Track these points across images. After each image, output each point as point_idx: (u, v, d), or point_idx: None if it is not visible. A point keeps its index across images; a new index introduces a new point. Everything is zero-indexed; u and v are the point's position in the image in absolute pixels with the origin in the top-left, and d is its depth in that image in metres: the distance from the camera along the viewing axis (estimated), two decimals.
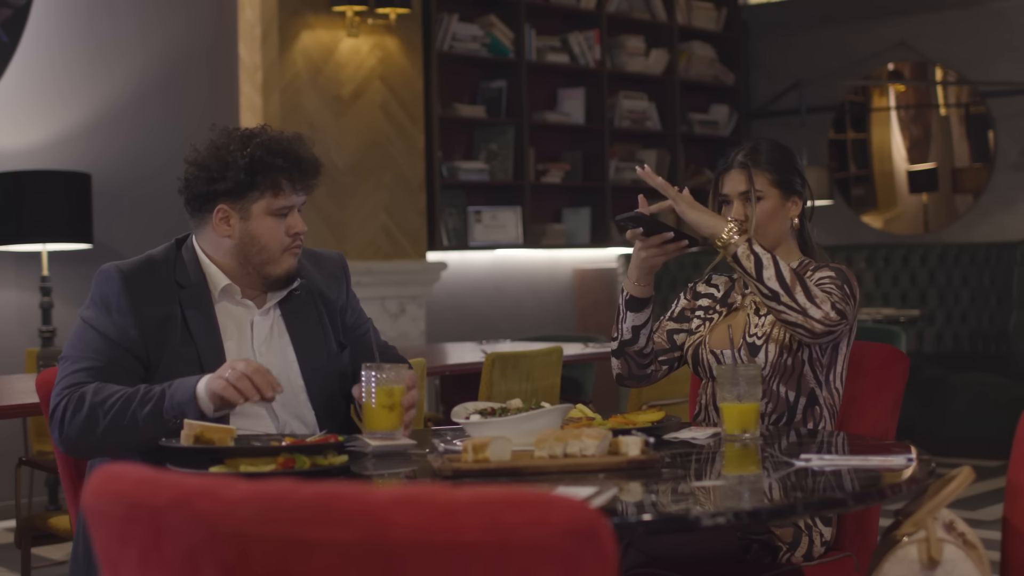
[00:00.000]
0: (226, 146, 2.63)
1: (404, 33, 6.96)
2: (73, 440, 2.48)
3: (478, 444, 2.17)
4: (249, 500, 1.26)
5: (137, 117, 6.26)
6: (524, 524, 1.21)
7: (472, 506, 1.21)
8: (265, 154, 2.61)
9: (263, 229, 2.63)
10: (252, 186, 2.61)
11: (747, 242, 2.76)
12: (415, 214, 7.08)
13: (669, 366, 3.02)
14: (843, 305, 2.72)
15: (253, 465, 2.16)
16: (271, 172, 2.61)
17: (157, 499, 1.31)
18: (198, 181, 2.65)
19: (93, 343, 2.55)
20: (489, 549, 1.21)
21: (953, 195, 8.48)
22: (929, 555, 1.94)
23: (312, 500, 1.24)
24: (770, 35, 9.09)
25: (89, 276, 5.86)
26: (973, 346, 7.42)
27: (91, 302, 2.61)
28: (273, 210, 2.63)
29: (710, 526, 1.75)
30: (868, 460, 2.21)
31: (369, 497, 1.23)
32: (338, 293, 2.84)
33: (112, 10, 6.20)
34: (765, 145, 2.98)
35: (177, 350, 2.57)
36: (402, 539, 1.22)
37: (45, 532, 3.69)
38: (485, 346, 5.34)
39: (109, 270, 2.61)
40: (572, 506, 1.22)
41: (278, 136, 2.66)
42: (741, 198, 2.93)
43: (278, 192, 2.63)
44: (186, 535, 1.29)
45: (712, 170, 8.80)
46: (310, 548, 1.23)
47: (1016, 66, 8.07)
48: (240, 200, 2.63)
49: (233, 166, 2.60)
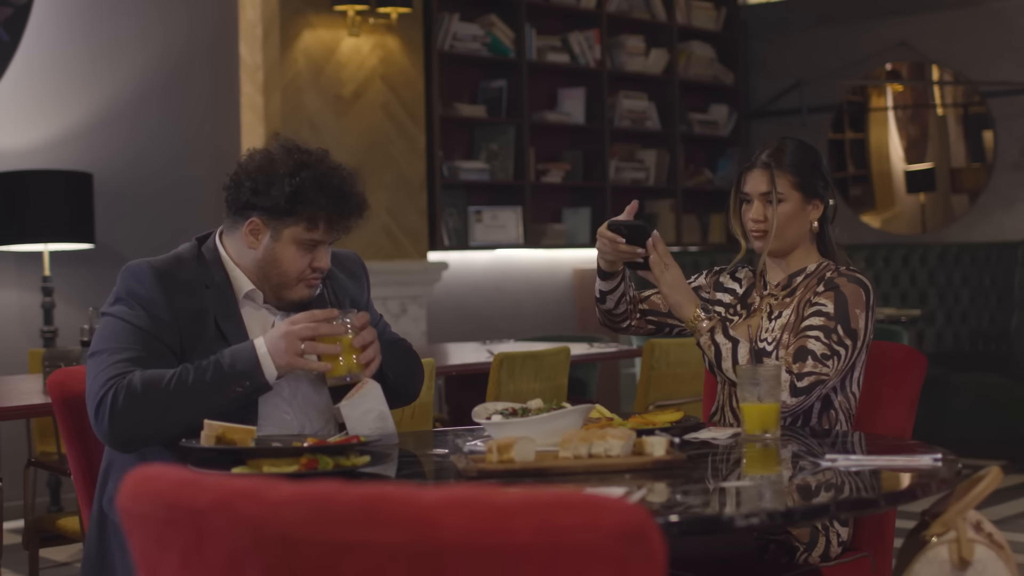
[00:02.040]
0: (280, 164, 2.58)
1: (405, 32, 6.95)
2: (129, 428, 2.42)
3: (503, 445, 2.16)
4: (294, 502, 1.24)
5: (138, 116, 6.23)
6: (575, 526, 1.19)
7: (523, 508, 1.20)
8: (313, 188, 2.56)
9: (287, 255, 2.60)
10: (290, 212, 2.57)
11: (709, 332, 2.84)
12: (416, 214, 7.06)
13: (658, 327, 3.08)
14: (819, 368, 2.72)
15: (276, 466, 2.14)
16: (312, 207, 2.57)
17: (199, 501, 1.29)
18: (242, 188, 2.60)
19: (127, 335, 2.51)
20: (540, 551, 1.19)
21: (951, 195, 8.48)
22: (960, 555, 1.93)
23: (359, 501, 1.22)
24: (769, 35, 9.09)
25: (91, 276, 5.91)
26: (973, 346, 7.42)
27: (117, 298, 2.57)
28: (303, 240, 2.60)
29: (744, 527, 1.73)
30: (894, 460, 2.20)
31: (417, 498, 1.21)
32: (359, 292, 2.84)
33: (113, 9, 6.17)
34: (790, 146, 2.96)
35: (208, 349, 2.54)
36: (451, 541, 1.20)
37: (53, 533, 3.66)
38: (490, 346, 5.33)
39: (140, 266, 2.58)
40: (623, 508, 1.21)
41: (330, 172, 2.60)
42: (761, 198, 2.93)
43: (313, 228, 2.59)
44: (229, 537, 1.27)
45: (711, 170, 8.79)
46: (357, 550, 1.22)
47: (1016, 66, 8.07)
48: (274, 220, 2.59)
49: (278, 187, 2.56)
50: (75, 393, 2.74)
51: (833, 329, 2.77)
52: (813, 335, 2.77)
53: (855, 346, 2.79)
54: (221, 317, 2.59)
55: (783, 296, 2.93)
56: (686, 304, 2.86)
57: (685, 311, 2.86)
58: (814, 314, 2.81)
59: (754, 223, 2.93)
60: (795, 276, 2.95)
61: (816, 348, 2.74)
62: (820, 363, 2.72)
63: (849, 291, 2.83)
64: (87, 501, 2.80)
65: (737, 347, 2.80)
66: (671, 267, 2.86)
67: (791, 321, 2.86)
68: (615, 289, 2.98)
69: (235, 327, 2.60)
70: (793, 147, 2.96)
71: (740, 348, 2.80)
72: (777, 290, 2.96)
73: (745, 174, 2.97)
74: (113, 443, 2.48)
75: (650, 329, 3.08)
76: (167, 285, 2.55)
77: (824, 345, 2.74)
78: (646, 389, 4.63)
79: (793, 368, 2.72)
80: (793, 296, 2.92)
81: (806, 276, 2.94)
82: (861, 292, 2.83)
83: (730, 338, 2.82)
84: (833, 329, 2.77)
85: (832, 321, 2.78)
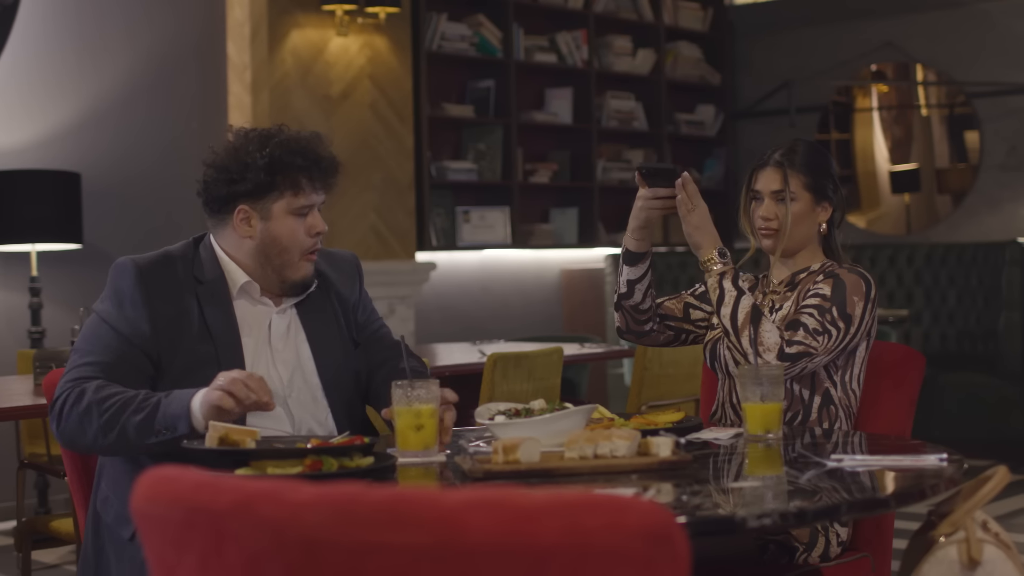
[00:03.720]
0: (244, 147, 2.62)
1: (393, 32, 6.93)
2: (68, 436, 2.47)
3: (509, 445, 2.15)
4: (317, 504, 1.23)
5: (126, 116, 6.20)
6: (602, 527, 1.19)
7: (549, 509, 1.19)
8: (284, 153, 2.60)
9: (284, 229, 2.62)
10: (272, 186, 2.60)
11: (719, 275, 2.81)
12: (404, 214, 7.04)
13: (676, 334, 3.04)
14: (809, 340, 2.74)
15: (280, 467, 2.13)
16: (291, 171, 2.61)
17: (219, 503, 1.28)
18: (217, 183, 2.62)
19: (104, 337, 2.53)
20: (566, 553, 1.18)
21: (937, 196, 8.51)
22: (970, 555, 1.92)
23: (384, 503, 1.21)
24: (756, 35, 9.10)
25: (79, 276, 5.88)
26: (960, 346, 7.43)
27: (105, 295, 2.59)
28: (294, 209, 2.62)
29: (756, 528, 1.73)
30: (900, 460, 2.19)
31: (442, 500, 1.20)
32: (351, 291, 2.84)
33: (100, 9, 6.14)
34: (803, 147, 2.98)
35: (194, 347, 2.54)
36: (477, 543, 1.19)
37: (45, 535, 3.64)
38: (481, 346, 5.32)
39: (125, 263, 2.60)
40: (649, 508, 1.20)
41: (296, 136, 2.66)
42: (773, 196, 2.94)
43: (298, 191, 2.62)
44: (250, 540, 1.26)
45: (699, 170, 8.80)
46: (382, 552, 1.20)
47: (1002, 66, 8.10)
48: (260, 200, 2.61)
49: (253, 167, 2.59)
50: None
51: (828, 309, 2.79)
52: (807, 311, 2.80)
53: (847, 330, 2.79)
54: (210, 313, 2.58)
55: (785, 291, 2.95)
56: (705, 245, 2.83)
57: (703, 251, 2.83)
58: (811, 296, 2.84)
59: (764, 221, 2.94)
60: (799, 274, 2.97)
61: (808, 322, 2.77)
62: (811, 336, 2.75)
63: (849, 280, 2.85)
64: (82, 503, 2.78)
65: (740, 298, 2.79)
66: (698, 207, 2.82)
67: (790, 312, 2.87)
68: (643, 277, 2.91)
69: (225, 322, 2.59)
70: (805, 148, 2.98)
71: (743, 300, 2.79)
72: (780, 287, 2.97)
73: (757, 172, 2.98)
74: (61, 443, 2.54)
75: (668, 336, 3.04)
76: (150, 283, 2.56)
77: (816, 321, 2.77)
78: (639, 390, 4.63)
79: (784, 335, 2.75)
80: (795, 291, 2.94)
81: (809, 273, 2.96)
82: (861, 283, 2.85)
83: (737, 288, 2.81)
84: (828, 309, 2.79)
85: (828, 302, 2.81)
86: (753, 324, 2.76)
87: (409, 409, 2.38)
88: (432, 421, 2.38)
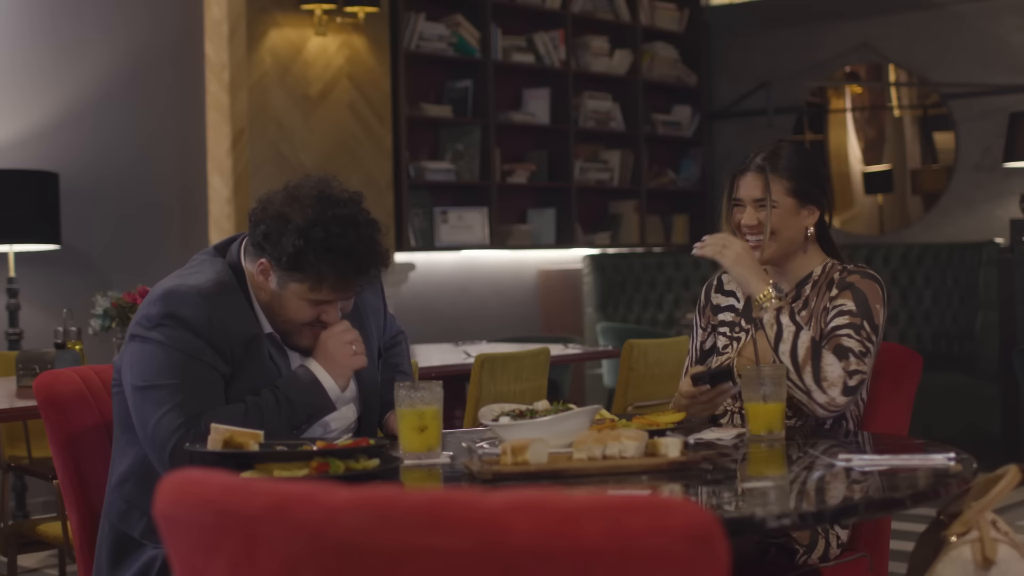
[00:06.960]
0: (296, 214, 2.40)
1: (372, 32, 6.90)
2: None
3: (517, 447, 2.13)
4: (353, 507, 1.21)
5: (104, 116, 6.14)
6: (645, 529, 1.17)
7: (591, 511, 1.17)
8: (319, 250, 2.38)
9: (292, 305, 2.48)
10: (295, 269, 2.42)
11: (776, 311, 2.73)
12: (383, 214, 7.01)
13: None
14: (862, 366, 2.67)
15: (286, 470, 2.10)
16: (315, 270, 2.40)
17: (251, 506, 1.26)
18: (258, 228, 2.45)
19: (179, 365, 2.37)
20: (610, 555, 1.17)
21: (910, 196, 8.55)
22: (984, 555, 1.92)
23: (423, 506, 1.19)
24: (732, 36, 9.11)
25: (57, 277, 5.82)
26: (937, 346, 7.46)
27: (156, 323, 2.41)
28: (307, 297, 2.46)
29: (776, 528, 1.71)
30: (910, 460, 2.19)
31: (483, 503, 1.18)
32: (377, 301, 2.79)
33: (77, 8, 6.08)
34: (787, 150, 2.88)
35: (266, 364, 2.48)
36: (519, 546, 1.17)
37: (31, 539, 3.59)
38: (465, 347, 5.30)
39: (187, 292, 2.42)
40: (690, 510, 1.19)
41: (342, 232, 2.39)
42: (754, 204, 2.86)
43: (317, 288, 2.44)
44: (284, 544, 1.24)
45: (675, 171, 8.80)
46: (421, 556, 1.18)
47: (977, 68, 8.14)
48: (281, 271, 2.45)
49: (286, 241, 2.39)
50: (63, 396, 2.69)
51: (860, 326, 2.72)
52: (845, 332, 2.72)
53: (878, 340, 2.75)
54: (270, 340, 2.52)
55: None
56: (754, 279, 2.76)
57: (753, 286, 2.76)
58: (837, 314, 2.76)
59: (747, 228, 2.88)
60: (803, 285, 2.90)
61: (853, 346, 2.69)
62: (860, 360, 2.68)
63: (865, 287, 2.79)
64: (74, 506, 2.74)
65: (800, 333, 2.70)
66: (730, 244, 2.78)
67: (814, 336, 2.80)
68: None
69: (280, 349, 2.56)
70: (789, 151, 2.88)
71: (802, 335, 2.70)
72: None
73: (738, 178, 2.89)
74: None
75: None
76: (218, 310, 2.42)
77: (857, 342, 2.70)
78: (624, 390, 4.61)
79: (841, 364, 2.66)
80: (806, 308, 2.87)
81: (814, 283, 2.89)
82: (877, 287, 2.80)
83: (795, 323, 2.72)
84: (860, 326, 2.72)
85: (857, 318, 2.73)
86: (814, 360, 2.67)
87: (412, 410, 2.37)
88: (435, 422, 2.37)
